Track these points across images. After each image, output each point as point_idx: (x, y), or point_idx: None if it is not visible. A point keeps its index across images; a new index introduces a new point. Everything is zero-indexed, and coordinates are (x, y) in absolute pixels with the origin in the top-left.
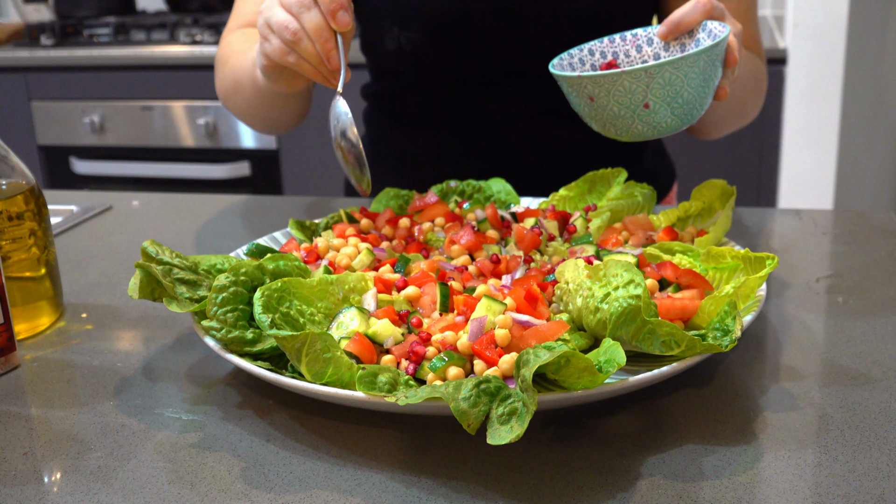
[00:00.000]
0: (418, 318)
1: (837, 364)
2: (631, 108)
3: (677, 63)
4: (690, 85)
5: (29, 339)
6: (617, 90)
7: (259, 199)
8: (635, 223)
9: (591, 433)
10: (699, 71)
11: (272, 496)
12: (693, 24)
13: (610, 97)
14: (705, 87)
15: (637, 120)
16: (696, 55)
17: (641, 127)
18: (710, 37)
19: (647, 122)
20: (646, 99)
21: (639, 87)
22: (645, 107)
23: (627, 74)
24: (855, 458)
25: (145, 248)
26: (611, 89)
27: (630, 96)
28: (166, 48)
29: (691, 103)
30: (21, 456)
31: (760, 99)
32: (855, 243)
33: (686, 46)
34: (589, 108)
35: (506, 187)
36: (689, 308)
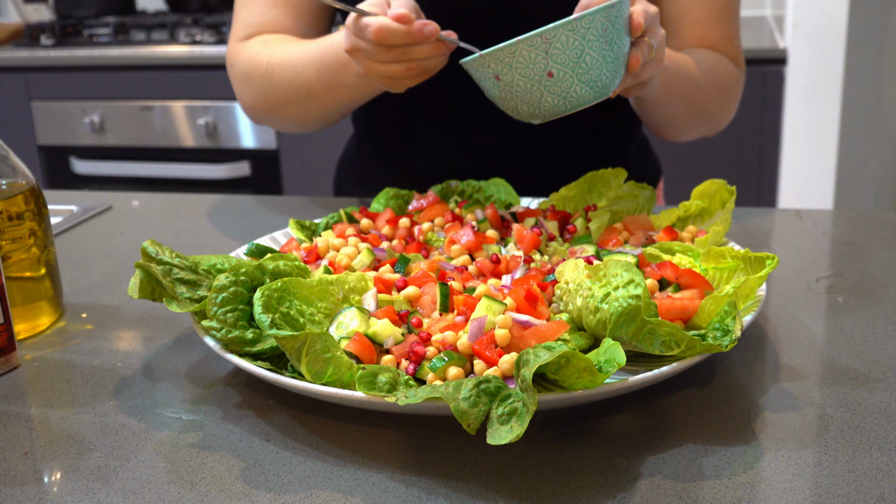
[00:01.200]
0: (418, 318)
1: (837, 364)
2: (536, 80)
3: (572, 24)
4: (591, 48)
5: (29, 339)
6: (518, 62)
7: (259, 199)
8: (635, 223)
9: (591, 433)
10: (598, 33)
11: (272, 496)
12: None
13: (513, 71)
14: (609, 50)
15: (545, 91)
16: (591, 14)
17: (552, 99)
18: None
19: (556, 94)
20: (548, 67)
21: (538, 54)
22: (549, 76)
23: (524, 42)
24: (855, 458)
25: (145, 248)
26: (512, 62)
27: (532, 66)
28: (166, 48)
29: (598, 69)
30: (21, 456)
31: (727, 103)
32: (855, 243)
33: None
34: (498, 90)
35: (506, 187)
36: (689, 308)
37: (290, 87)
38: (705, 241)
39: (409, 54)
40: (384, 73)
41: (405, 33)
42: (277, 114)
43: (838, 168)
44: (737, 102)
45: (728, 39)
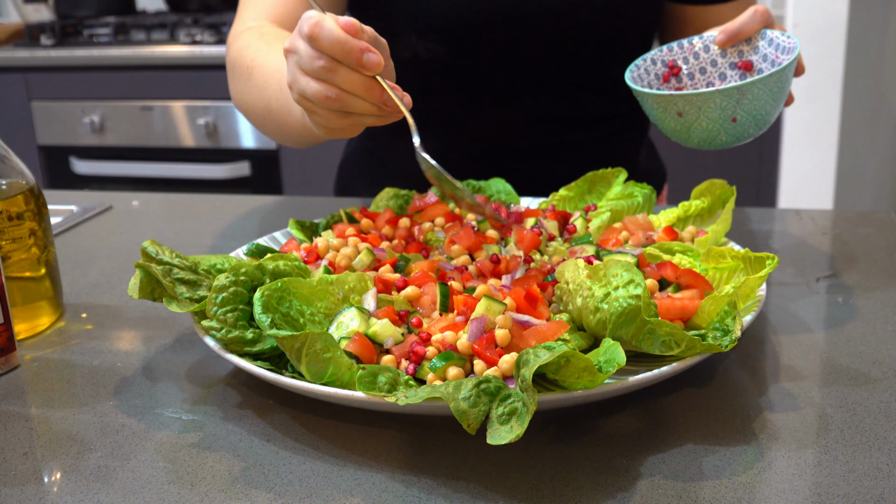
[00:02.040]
0: (418, 318)
1: (837, 364)
2: (719, 123)
3: (766, 80)
4: (774, 98)
5: (29, 339)
6: (708, 107)
7: (259, 199)
8: (635, 223)
9: (591, 433)
10: (783, 83)
11: (272, 496)
12: (752, 32)
13: (700, 113)
14: (783, 96)
15: (724, 132)
16: (782, 71)
17: (726, 138)
18: (770, 45)
19: (732, 134)
20: (735, 114)
21: (730, 103)
22: (733, 121)
23: (721, 93)
24: (855, 458)
25: (145, 248)
26: (702, 106)
27: (720, 112)
28: (166, 48)
29: (771, 113)
30: (21, 456)
31: None
32: (855, 243)
33: (744, 53)
34: (675, 123)
35: (506, 187)
36: (689, 308)
37: (257, 95)
38: (705, 241)
39: (335, 75)
40: (303, 89)
41: (339, 41)
42: (249, 118)
43: (838, 168)
44: None
45: None
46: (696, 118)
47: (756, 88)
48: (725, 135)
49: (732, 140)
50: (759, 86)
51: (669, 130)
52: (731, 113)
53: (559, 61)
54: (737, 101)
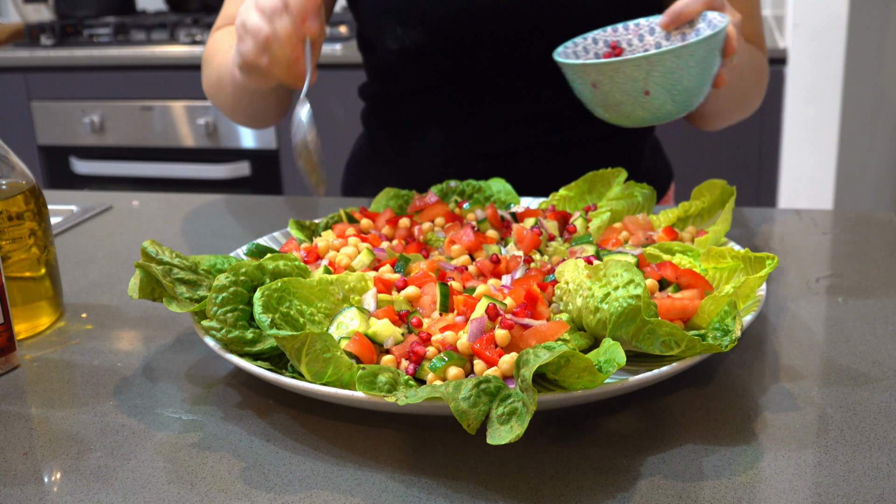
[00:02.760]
0: (418, 318)
1: (837, 364)
2: (632, 95)
3: (678, 52)
4: (690, 73)
5: (29, 339)
6: (619, 77)
7: (259, 199)
8: (635, 223)
9: (591, 433)
10: (698, 59)
11: (272, 496)
12: (693, 14)
13: (612, 84)
14: (704, 75)
15: (638, 106)
16: (696, 44)
17: (642, 113)
18: (710, 27)
19: (647, 109)
20: (646, 86)
21: (640, 74)
22: (645, 94)
23: (629, 62)
24: (855, 458)
25: (145, 248)
26: (613, 76)
27: (632, 83)
28: (166, 48)
29: (690, 90)
30: (21, 456)
31: (761, 91)
32: (855, 243)
33: (686, 36)
34: (592, 95)
35: (506, 187)
36: (689, 308)
37: (213, 72)
38: (705, 241)
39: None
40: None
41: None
42: (212, 99)
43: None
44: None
45: (755, 34)
46: (609, 89)
47: (666, 60)
48: (641, 109)
49: (649, 115)
50: (668, 57)
51: (589, 104)
52: (642, 85)
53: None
54: (647, 73)
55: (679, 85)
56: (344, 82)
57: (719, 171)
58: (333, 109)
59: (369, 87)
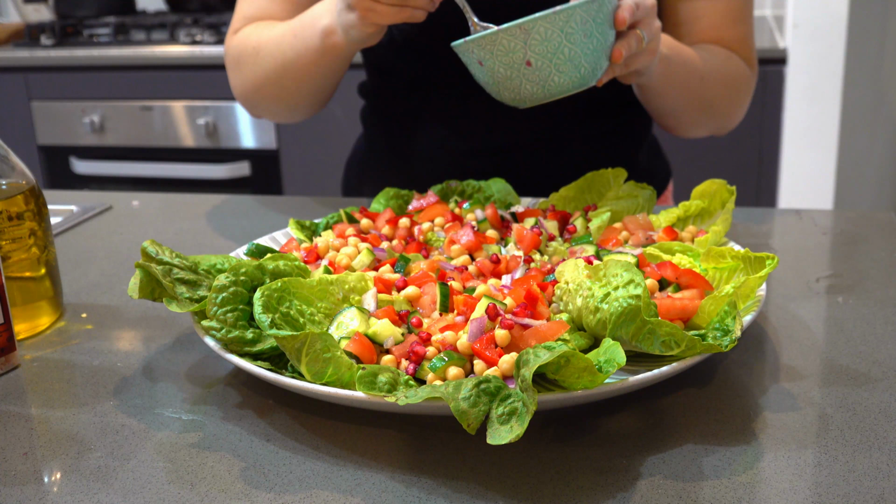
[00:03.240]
0: (418, 318)
1: (837, 364)
2: (515, 68)
3: (550, 17)
4: (570, 40)
5: (29, 339)
6: (498, 49)
7: (259, 199)
8: (635, 223)
9: (591, 433)
10: (576, 27)
11: (272, 496)
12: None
13: (494, 58)
14: (587, 43)
15: (524, 79)
16: (570, 9)
17: (531, 87)
18: None
19: (534, 82)
20: (526, 56)
21: (517, 44)
22: (527, 65)
23: (504, 31)
24: (855, 458)
25: (145, 248)
26: (493, 49)
27: (511, 55)
28: (166, 48)
29: (576, 60)
30: (21, 456)
31: (737, 101)
32: (855, 243)
33: None
34: (482, 74)
35: (506, 187)
36: (689, 308)
37: (271, 60)
38: (705, 241)
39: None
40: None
41: None
42: (262, 94)
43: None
44: (747, 102)
45: (741, 41)
46: (493, 65)
47: (540, 27)
48: (528, 83)
49: (538, 90)
50: (542, 23)
51: (483, 85)
52: (522, 56)
53: None
54: (524, 42)
55: (560, 54)
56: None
57: (719, 170)
58: (333, 109)
59: (368, 84)
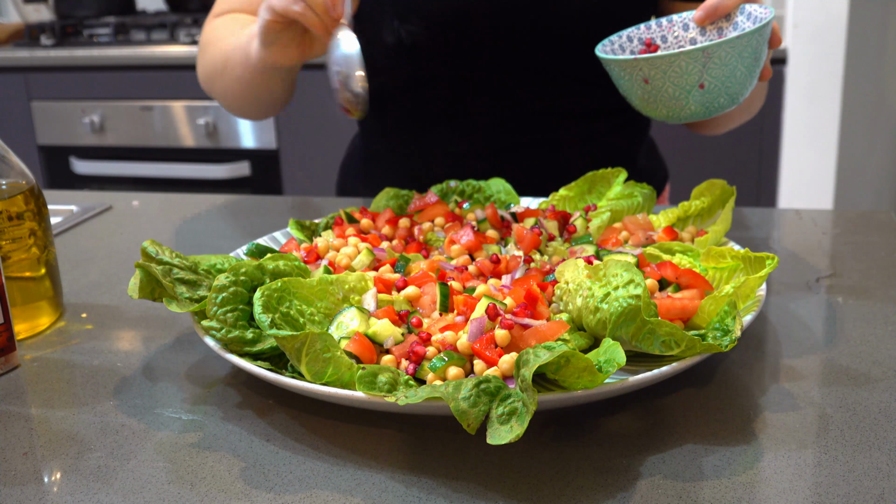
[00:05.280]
0: (418, 318)
1: (837, 364)
2: (686, 89)
3: (733, 42)
4: (744, 64)
5: (29, 339)
6: (673, 71)
7: (259, 199)
8: (635, 223)
9: (591, 433)
10: (752, 50)
11: (272, 496)
12: (731, 7)
13: (666, 78)
14: (754, 66)
15: (691, 100)
16: (751, 34)
17: (695, 107)
18: (749, 19)
19: (700, 102)
20: (701, 79)
21: (695, 66)
22: (700, 87)
23: (685, 55)
24: (855, 458)
25: (145, 248)
26: (667, 70)
27: (686, 77)
28: (166, 48)
29: (743, 83)
30: (21, 456)
31: (764, 94)
32: (855, 243)
33: (724, 30)
34: (642, 91)
35: (506, 187)
36: (689, 308)
37: (219, 55)
38: (705, 241)
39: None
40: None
41: None
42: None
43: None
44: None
45: None
46: (662, 84)
47: (722, 51)
48: (694, 103)
49: (701, 110)
50: (725, 48)
51: (638, 101)
52: (697, 78)
53: (547, 52)
54: (703, 65)
55: (733, 77)
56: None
57: (719, 170)
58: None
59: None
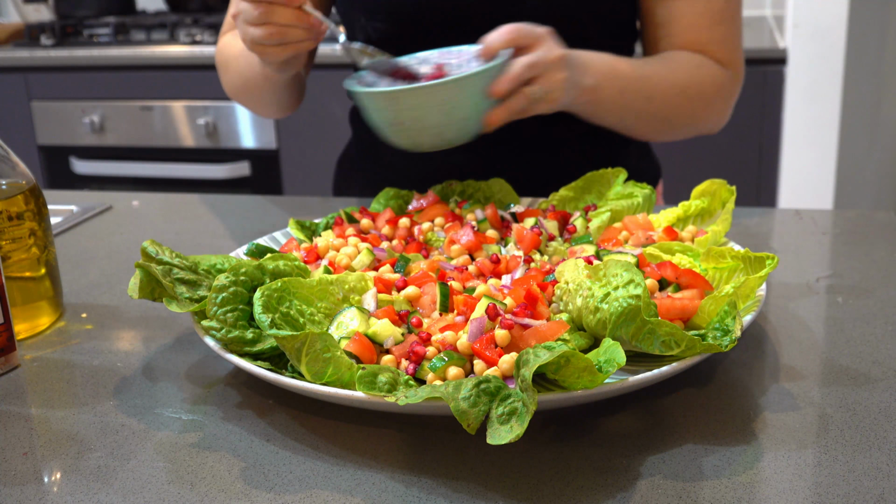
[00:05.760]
0: (418, 318)
1: (837, 364)
2: (386, 124)
3: (415, 91)
4: (433, 111)
5: (29, 339)
6: (373, 107)
7: (259, 199)
8: (635, 223)
9: (591, 433)
10: (440, 100)
11: (272, 496)
12: (496, 49)
13: (369, 112)
14: (453, 113)
15: (395, 135)
16: (433, 87)
17: (403, 142)
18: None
19: (404, 139)
20: (397, 118)
21: (388, 106)
22: (399, 124)
23: (378, 94)
24: (855, 458)
25: (145, 248)
26: (367, 105)
27: (384, 113)
28: (166, 48)
29: (441, 127)
30: (21, 456)
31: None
32: (855, 243)
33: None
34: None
35: (506, 187)
36: (689, 308)
37: (238, 77)
38: (705, 241)
39: (272, 15)
40: (251, 37)
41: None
42: (240, 100)
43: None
44: (726, 105)
45: (721, 43)
46: (368, 115)
47: (406, 96)
48: (399, 139)
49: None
50: (407, 93)
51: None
52: (393, 116)
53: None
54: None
55: (425, 121)
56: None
57: (719, 170)
58: (333, 109)
59: None
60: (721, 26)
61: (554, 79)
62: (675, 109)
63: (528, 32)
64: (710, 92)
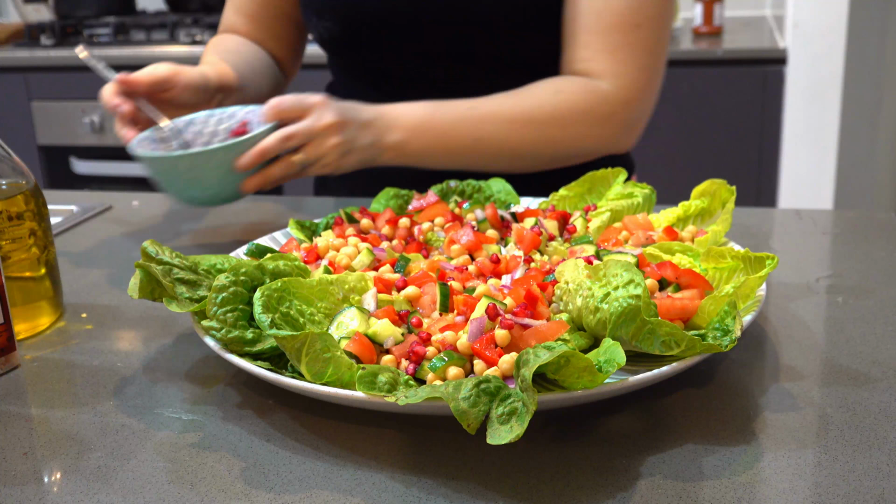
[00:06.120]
0: (418, 318)
1: (837, 364)
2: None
3: (152, 160)
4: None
5: (29, 339)
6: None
7: (259, 199)
8: (635, 223)
9: (591, 433)
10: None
11: (272, 496)
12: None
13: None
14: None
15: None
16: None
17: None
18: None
19: (167, 192)
20: (155, 177)
21: (143, 163)
22: (157, 180)
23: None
24: (855, 458)
25: (145, 248)
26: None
27: (146, 169)
28: (166, 48)
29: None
30: (21, 456)
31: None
32: (855, 243)
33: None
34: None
35: (506, 187)
36: (689, 308)
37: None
38: (705, 241)
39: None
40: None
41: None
42: None
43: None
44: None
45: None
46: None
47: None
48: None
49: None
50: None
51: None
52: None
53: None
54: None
55: (169, 185)
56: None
57: (719, 170)
58: None
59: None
60: (617, 34)
61: (324, 146)
62: (521, 141)
63: (292, 105)
64: (572, 117)
